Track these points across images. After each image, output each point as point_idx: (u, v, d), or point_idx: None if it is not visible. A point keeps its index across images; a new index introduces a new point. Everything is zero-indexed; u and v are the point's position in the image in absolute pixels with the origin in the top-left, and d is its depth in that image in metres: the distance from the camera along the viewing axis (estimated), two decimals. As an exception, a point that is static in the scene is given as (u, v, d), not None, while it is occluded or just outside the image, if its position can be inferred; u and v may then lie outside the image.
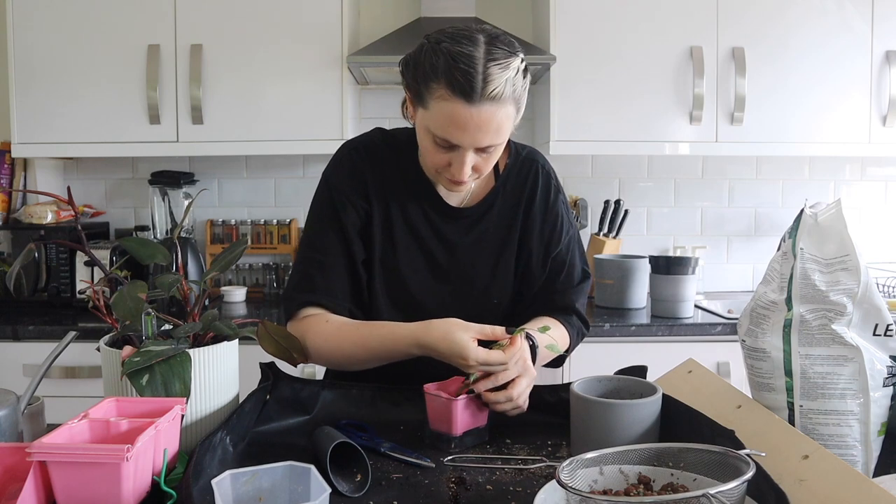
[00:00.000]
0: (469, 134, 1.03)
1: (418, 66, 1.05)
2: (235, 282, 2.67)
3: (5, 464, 0.75)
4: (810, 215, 0.93)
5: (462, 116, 1.01)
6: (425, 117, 1.07)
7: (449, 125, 1.03)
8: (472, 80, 0.99)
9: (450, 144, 1.05)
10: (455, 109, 1.01)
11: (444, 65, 1.01)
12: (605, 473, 0.77)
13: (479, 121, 1.02)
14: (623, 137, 2.33)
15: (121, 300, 0.95)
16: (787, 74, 2.34)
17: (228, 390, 0.99)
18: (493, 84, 1.00)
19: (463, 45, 1.01)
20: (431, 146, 1.08)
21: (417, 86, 1.06)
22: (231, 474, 0.69)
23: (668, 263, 2.23)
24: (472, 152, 1.06)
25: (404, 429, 1.06)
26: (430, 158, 1.11)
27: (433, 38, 1.05)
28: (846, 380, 0.88)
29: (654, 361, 1.21)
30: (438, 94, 1.02)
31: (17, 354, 2.08)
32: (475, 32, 1.04)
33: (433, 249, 1.22)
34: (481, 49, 1.01)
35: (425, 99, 1.05)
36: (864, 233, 2.73)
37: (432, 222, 1.22)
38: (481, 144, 1.05)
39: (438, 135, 1.05)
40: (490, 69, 1.00)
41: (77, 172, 2.70)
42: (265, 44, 2.30)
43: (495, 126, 1.03)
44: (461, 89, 1.00)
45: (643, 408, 0.90)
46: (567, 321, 1.26)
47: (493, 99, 1.00)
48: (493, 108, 1.01)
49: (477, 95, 1.00)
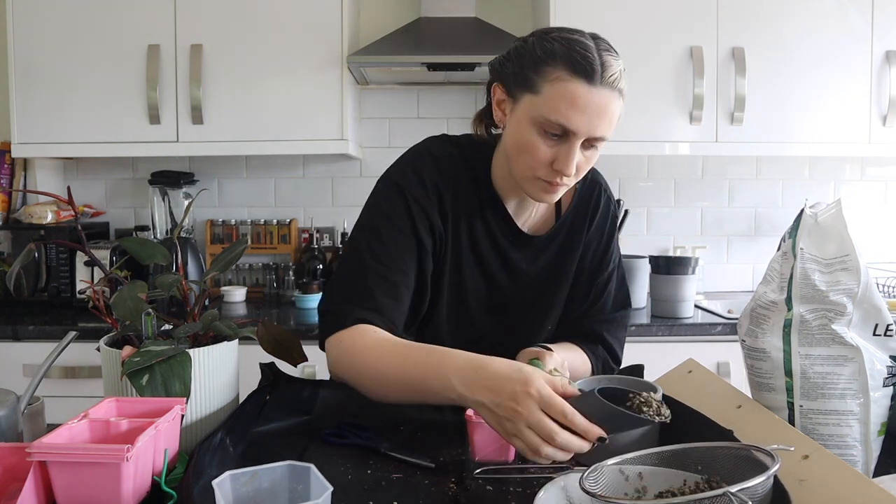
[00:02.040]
0: (587, 117, 0.98)
1: (525, 54, 1.02)
2: (235, 282, 2.67)
3: (5, 464, 0.75)
4: (810, 215, 0.93)
5: (583, 97, 0.97)
6: (535, 104, 1.00)
7: (568, 107, 0.97)
8: (593, 62, 0.96)
9: (562, 131, 0.99)
10: (576, 90, 0.97)
11: (560, 48, 0.98)
12: (605, 473, 0.77)
13: (598, 104, 0.97)
14: (623, 137, 2.33)
15: (121, 300, 0.95)
16: (787, 74, 2.34)
17: (228, 390, 0.99)
18: (610, 69, 0.97)
19: (574, 34, 1.00)
20: (538, 138, 1.01)
21: (524, 72, 1.01)
22: (231, 475, 0.69)
23: (668, 263, 2.23)
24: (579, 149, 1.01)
25: (404, 429, 1.06)
26: (533, 155, 1.02)
27: (537, 32, 1.03)
28: (846, 380, 0.88)
29: (654, 361, 1.21)
30: (555, 76, 0.98)
31: (17, 354, 2.08)
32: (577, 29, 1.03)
33: (497, 276, 1.16)
34: (591, 41, 1.00)
35: (536, 84, 0.99)
36: (864, 233, 2.73)
37: (499, 246, 1.16)
38: (596, 132, 0.99)
39: (553, 119, 0.98)
40: (605, 56, 0.98)
41: (77, 172, 2.70)
42: (265, 44, 2.30)
43: (610, 115, 0.99)
44: (582, 69, 0.96)
45: (643, 408, 0.90)
46: (591, 351, 1.20)
47: (611, 85, 0.98)
48: (612, 95, 0.98)
49: (598, 76, 0.97)
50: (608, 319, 1.23)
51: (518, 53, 1.04)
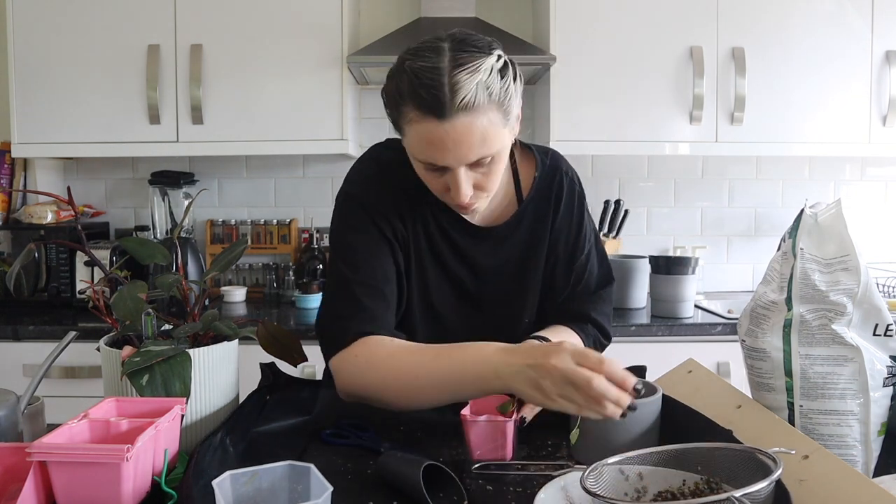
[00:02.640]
0: (450, 152, 0.95)
1: (388, 92, 0.99)
2: (235, 282, 2.67)
3: (5, 464, 0.75)
4: (810, 215, 0.93)
5: (437, 135, 0.93)
6: (407, 144, 1.00)
7: (427, 147, 0.96)
8: (439, 94, 0.91)
9: (438, 167, 0.98)
10: (427, 130, 0.94)
11: (407, 85, 0.94)
12: (604, 473, 0.77)
13: (455, 136, 0.93)
14: (623, 137, 2.33)
15: (121, 300, 0.95)
16: (787, 74, 2.34)
17: (228, 390, 0.99)
18: (461, 92, 0.91)
19: (426, 58, 0.93)
20: (424, 173, 1.02)
21: (391, 111, 1.00)
22: (231, 475, 0.69)
23: (668, 263, 2.23)
24: (466, 170, 0.98)
25: (404, 429, 1.06)
26: (432, 186, 1.03)
27: (400, 58, 0.98)
28: (846, 380, 0.88)
29: (654, 361, 1.21)
30: (409, 118, 0.95)
31: (17, 354, 2.08)
32: (441, 41, 0.96)
33: (460, 275, 1.15)
34: (446, 58, 0.93)
35: (400, 125, 0.99)
36: (864, 233, 2.73)
37: (455, 243, 1.14)
38: (468, 160, 0.96)
39: (420, 159, 0.99)
40: (456, 77, 0.91)
41: (77, 172, 2.70)
42: (265, 44, 2.30)
43: (478, 137, 0.94)
44: (428, 106, 0.92)
45: (643, 408, 0.90)
46: (581, 329, 1.19)
47: (465, 109, 0.92)
48: (470, 119, 0.93)
49: (446, 109, 0.91)
50: (593, 298, 1.21)
51: (386, 90, 1.00)
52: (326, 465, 0.91)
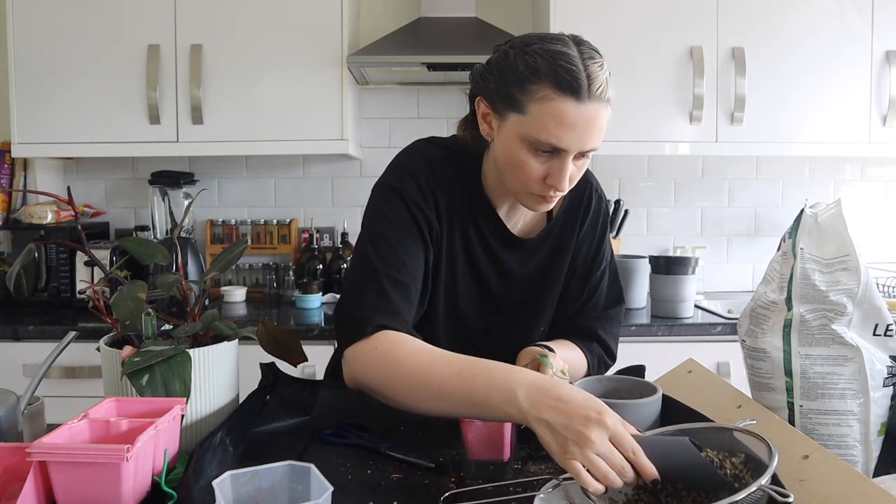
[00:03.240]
0: (577, 134, 0.96)
1: (507, 70, 0.99)
2: (235, 282, 2.67)
3: (5, 464, 0.75)
4: (810, 215, 0.93)
5: (571, 115, 0.95)
6: (523, 124, 0.98)
7: (557, 126, 0.96)
8: (579, 77, 0.94)
9: (553, 149, 0.98)
10: (564, 108, 0.95)
11: (544, 64, 0.95)
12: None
13: (587, 119, 0.96)
14: (623, 137, 2.33)
15: (121, 300, 0.95)
16: (787, 74, 2.34)
17: (228, 390, 0.99)
18: (597, 81, 0.95)
19: (556, 44, 0.97)
20: (529, 156, 1.00)
21: (509, 90, 0.98)
22: (231, 475, 0.69)
23: (668, 263, 2.23)
24: (571, 161, 1.00)
25: (404, 429, 1.06)
26: (525, 172, 1.01)
27: (518, 43, 1.00)
28: (846, 380, 0.88)
29: (654, 361, 1.21)
30: (542, 95, 0.96)
31: (17, 354, 2.08)
32: (559, 36, 0.99)
33: (489, 278, 1.16)
34: (574, 49, 0.97)
35: (523, 104, 0.97)
36: (864, 233, 2.73)
37: (491, 250, 1.15)
38: (587, 147, 0.98)
39: (543, 139, 0.97)
40: (590, 67, 0.95)
41: (77, 172, 2.70)
42: (265, 44, 2.30)
43: (599, 127, 0.98)
44: (569, 86, 0.94)
45: (643, 408, 0.90)
46: (587, 348, 1.20)
47: (599, 97, 0.96)
48: (600, 108, 0.97)
49: (585, 92, 0.94)
50: (602, 316, 1.23)
51: (500, 69, 1.00)
52: (326, 465, 0.91)
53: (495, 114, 1.03)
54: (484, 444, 0.90)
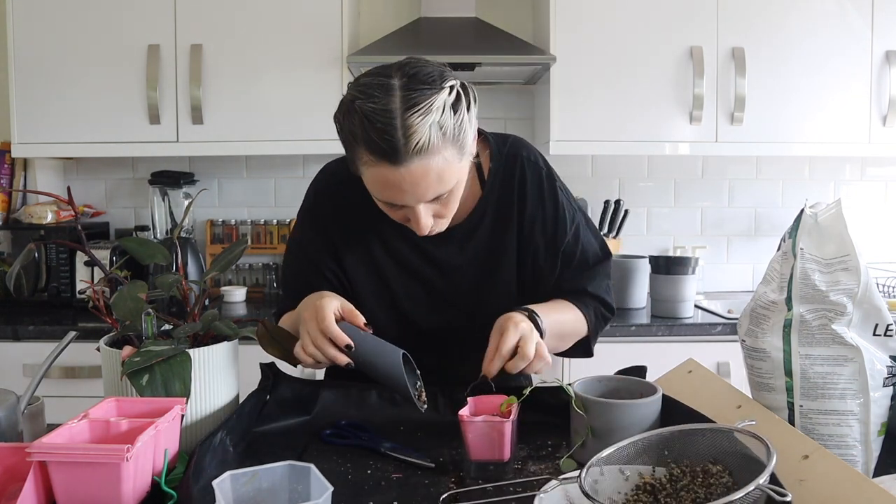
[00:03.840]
0: (408, 193, 0.95)
1: (341, 130, 0.97)
2: (235, 282, 2.67)
3: (5, 464, 0.75)
4: (810, 215, 0.93)
5: (392, 179, 0.93)
6: (364, 181, 1.00)
7: (383, 189, 0.96)
8: (392, 139, 0.89)
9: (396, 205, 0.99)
10: (383, 174, 0.93)
11: (360, 128, 0.92)
12: (605, 474, 0.77)
13: (412, 179, 0.93)
14: (623, 137, 2.33)
15: (121, 300, 0.95)
16: (787, 74, 2.34)
17: (228, 390, 0.99)
18: (415, 137, 0.89)
19: (375, 98, 0.91)
20: (384, 205, 1.01)
21: (347, 150, 0.99)
22: (231, 475, 0.69)
23: (668, 263, 2.23)
24: (425, 204, 0.98)
25: (404, 429, 1.06)
26: (392, 216, 1.04)
27: (349, 93, 0.96)
28: (846, 380, 0.88)
29: (654, 361, 1.21)
30: (364, 161, 0.95)
31: (17, 354, 2.08)
32: (389, 77, 0.92)
33: (429, 276, 1.15)
34: (397, 97, 0.90)
35: (356, 165, 0.98)
36: (864, 233, 2.73)
37: (420, 248, 1.14)
38: (426, 198, 0.96)
39: (379, 199, 1.00)
40: (409, 120, 0.89)
41: (77, 172, 2.70)
42: (265, 44, 2.30)
43: (434, 177, 0.94)
44: (381, 152, 0.91)
45: (643, 408, 0.90)
46: (580, 301, 1.17)
47: (420, 153, 0.91)
48: (425, 161, 0.92)
49: (401, 154, 0.90)
50: (587, 274, 1.19)
51: (339, 125, 0.98)
52: (326, 465, 0.91)
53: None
54: (484, 444, 0.90)
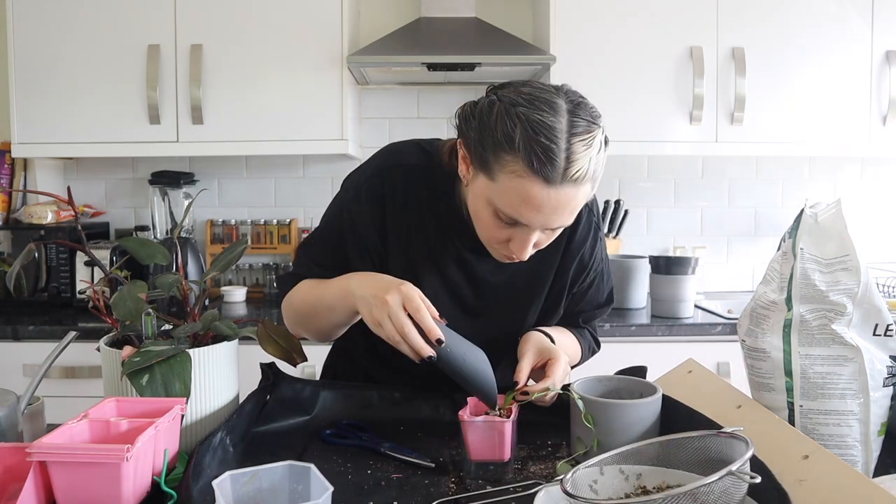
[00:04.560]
0: (543, 216, 0.91)
1: (486, 128, 0.91)
2: (235, 282, 2.67)
3: (5, 464, 0.75)
4: (810, 215, 0.93)
5: (539, 198, 0.89)
6: (490, 189, 0.93)
7: (521, 205, 0.90)
8: (555, 159, 0.86)
9: (515, 222, 0.94)
10: (531, 190, 0.88)
11: (522, 135, 0.87)
12: (605, 473, 0.77)
13: (556, 203, 0.89)
14: (623, 137, 2.33)
15: (121, 300, 0.95)
16: (787, 74, 2.34)
17: (228, 390, 0.99)
18: (577, 165, 0.87)
19: (544, 112, 0.87)
20: (491, 220, 0.96)
21: (483, 151, 0.92)
22: (231, 475, 0.69)
23: (668, 263, 2.23)
24: (538, 231, 0.95)
25: (404, 429, 1.06)
26: (487, 232, 0.99)
27: (506, 97, 0.91)
28: (846, 380, 0.88)
29: (654, 361, 1.21)
30: (512, 169, 0.89)
31: (17, 354, 2.08)
32: (555, 96, 0.90)
33: (460, 288, 1.13)
34: (564, 119, 0.87)
35: (493, 170, 0.91)
36: (864, 233, 2.73)
37: (462, 259, 1.11)
38: (553, 226, 0.93)
39: (506, 212, 0.92)
40: (574, 146, 0.87)
41: (77, 172, 2.70)
42: (265, 44, 2.30)
43: (571, 208, 0.91)
44: (542, 168, 0.86)
45: (643, 408, 0.90)
46: (579, 334, 1.24)
47: (575, 181, 0.88)
48: (574, 190, 0.89)
49: (559, 176, 0.87)
50: (596, 312, 1.26)
51: (480, 123, 0.93)
52: (326, 465, 0.91)
53: (469, 164, 0.97)
54: (484, 444, 0.90)
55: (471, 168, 0.97)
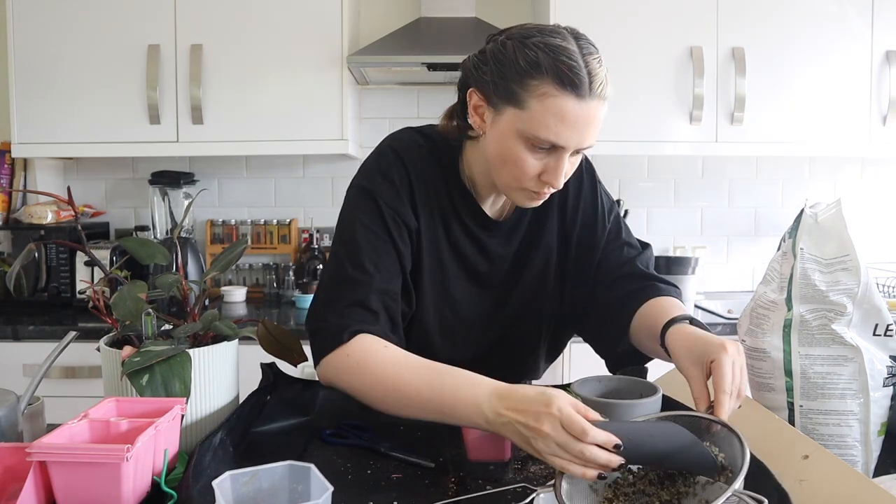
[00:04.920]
0: (577, 132, 0.95)
1: (506, 63, 0.96)
2: (235, 282, 2.67)
3: (5, 464, 0.75)
4: (810, 215, 0.93)
5: (573, 112, 0.93)
6: (521, 119, 0.95)
7: (558, 123, 0.94)
8: (580, 74, 0.92)
9: (551, 146, 0.96)
10: (566, 105, 0.93)
11: (546, 59, 0.92)
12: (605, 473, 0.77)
13: (588, 116, 0.94)
14: (623, 137, 2.33)
15: (121, 300, 0.95)
16: (787, 74, 2.34)
17: (228, 390, 0.99)
18: (598, 78, 0.93)
19: (556, 38, 0.94)
20: (525, 152, 0.97)
21: (507, 84, 0.95)
22: (231, 475, 0.69)
23: (668, 263, 2.23)
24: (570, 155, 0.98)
25: (404, 429, 1.06)
26: (520, 168, 0.99)
27: (516, 34, 0.97)
28: (846, 380, 0.88)
29: (655, 361, 1.21)
30: (542, 91, 0.93)
31: (17, 354, 2.08)
32: (556, 29, 0.96)
33: (476, 264, 1.15)
34: (573, 43, 0.94)
35: (522, 99, 0.94)
36: (864, 233, 2.73)
37: (474, 237, 1.14)
38: (585, 144, 0.97)
39: (542, 136, 0.95)
40: (591, 63, 0.93)
41: (77, 172, 2.70)
42: (265, 44, 2.30)
43: (598, 124, 0.96)
44: (571, 83, 0.92)
45: (643, 408, 0.90)
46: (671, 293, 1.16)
47: (599, 95, 0.94)
48: (600, 104, 0.95)
49: (586, 89, 0.92)
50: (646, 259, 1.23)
51: (497, 60, 0.97)
52: (326, 465, 0.91)
53: (489, 107, 1.00)
54: (484, 444, 0.90)
55: (490, 110, 1.00)
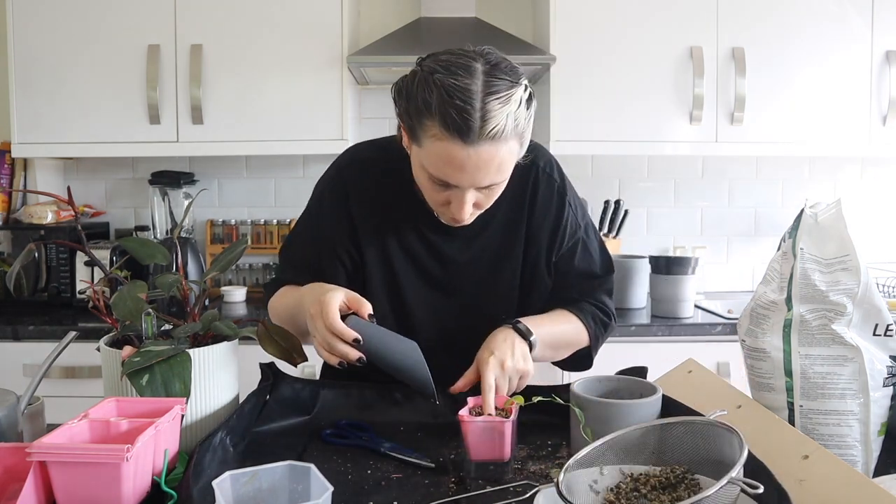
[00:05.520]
0: (467, 175, 0.96)
1: (410, 98, 0.97)
2: (235, 282, 2.67)
3: (5, 464, 0.75)
4: (810, 215, 0.93)
5: (458, 158, 0.94)
6: (420, 154, 0.99)
7: (445, 166, 0.96)
8: (469, 119, 0.91)
9: (447, 184, 0.99)
10: (450, 150, 0.93)
11: (437, 100, 0.92)
12: (605, 473, 0.77)
13: (477, 161, 0.94)
14: (623, 137, 2.33)
15: (121, 300, 0.95)
16: (787, 74, 2.34)
17: (228, 390, 0.99)
18: (492, 122, 0.92)
19: (458, 76, 0.92)
20: (428, 184, 1.02)
21: (410, 120, 0.98)
22: (231, 475, 0.69)
23: (668, 263, 2.23)
24: (473, 190, 1.00)
25: (404, 429, 1.06)
26: (428, 196, 1.05)
27: (427, 66, 0.96)
28: (846, 380, 0.88)
29: (654, 361, 1.21)
30: (432, 133, 0.94)
31: (17, 354, 2.08)
32: (473, 60, 0.94)
33: (430, 269, 1.17)
34: (479, 81, 0.92)
35: (419, 136, 0.97)
36: (864, 233, 2.73)
37: (428, 241, 1.16)
38: (482, 184, 0.98)
39: (435, 175, 0.98)
40: (489, 104, 0.91)
41: (77, 172, 2.70)
42: (265, 44, 2.30)
43: (496, 165, 0.96)
44: (457, 129, 0.91)
45: (643, 408, 0.90)
46: (577, 308, 1.19)
47: (492, 138, 0.93)
48: (494, 148, 0.94)
49: (474, 135, 0.92)
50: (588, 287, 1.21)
51: (406, 94, 0.98)
52: (326, 465, 0.91)
53: (406, 134, 1.03)
54: (484, 444, 0.90)
55: (406, 136, 1.03)
